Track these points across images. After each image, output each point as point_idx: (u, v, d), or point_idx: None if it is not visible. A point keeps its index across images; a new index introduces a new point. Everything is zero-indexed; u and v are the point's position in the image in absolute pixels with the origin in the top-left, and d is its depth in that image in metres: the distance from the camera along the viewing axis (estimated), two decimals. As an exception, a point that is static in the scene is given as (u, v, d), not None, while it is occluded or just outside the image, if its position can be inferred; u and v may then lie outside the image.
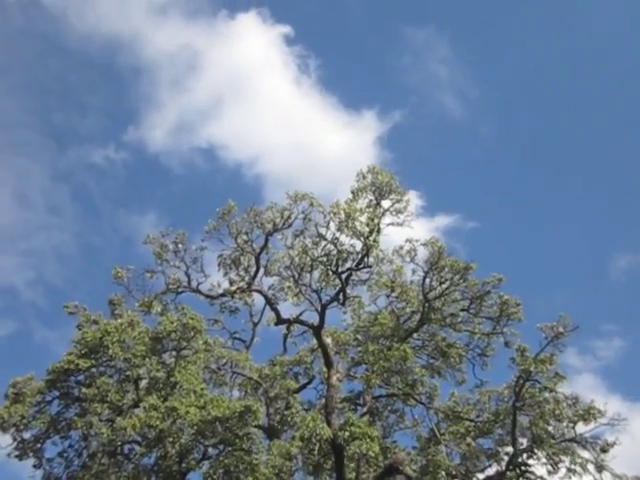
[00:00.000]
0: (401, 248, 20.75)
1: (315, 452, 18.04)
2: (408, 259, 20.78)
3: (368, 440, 16.41)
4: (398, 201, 19.63)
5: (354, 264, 19.36)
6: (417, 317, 21.35)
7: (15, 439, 17.59)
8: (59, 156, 51.59)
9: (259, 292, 20.83)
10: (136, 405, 17.35)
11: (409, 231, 20.24)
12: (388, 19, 52.79)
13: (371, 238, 18.75)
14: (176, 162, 49.34)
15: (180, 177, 49.99)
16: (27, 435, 17.68)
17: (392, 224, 19.86)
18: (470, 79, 53.12)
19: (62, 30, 51.13)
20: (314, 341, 21.20)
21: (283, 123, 50.41)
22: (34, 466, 17.91)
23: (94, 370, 17.57)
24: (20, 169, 50.45)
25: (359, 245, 19.03)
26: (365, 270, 19.87)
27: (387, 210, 19.77)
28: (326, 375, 19.87)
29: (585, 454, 18.76)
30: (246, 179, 48.73)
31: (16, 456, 17.68)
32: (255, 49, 52.42)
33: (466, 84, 52.18)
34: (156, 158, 50.09)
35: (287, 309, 21.06)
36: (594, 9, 50.70)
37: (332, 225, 18.69)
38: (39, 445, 17.81)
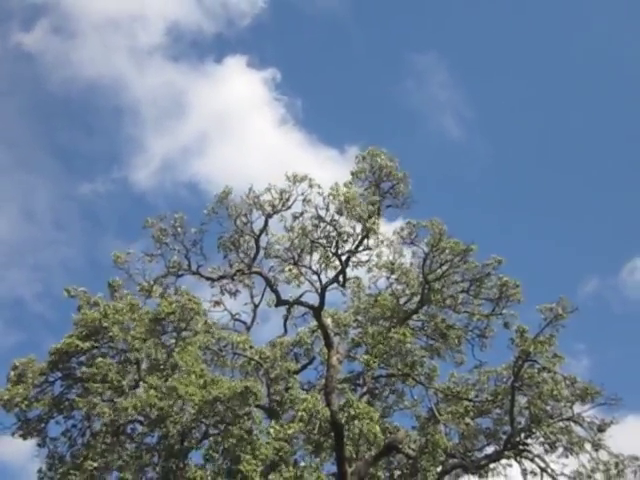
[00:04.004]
0: (402, 230, 20.78)
1: (315, 432, 18.24)
2: (409, 241, 20.81)
3: (368, 420, 16.55)
4: (397, 183, 19.60)
5: (354, 246, 19.37)
6: (417, 299, 21.43)
7: (19, 419, 17.86)
8: (65, 176, 52.37)
9: (259, 274, 20.84)
10: (137, 385, 17.55)
11: (408, 212, 20.30)
12: (389, 48, 53.13)
13: (371, 221, 18.74)
14: (162, 199, 49.70)
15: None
16: (31, 415, 17.94)
17: (391, 206, 19.91)
18: (467, 102, 53.07)
19: (43, 74, 51.34)
20: (314, 322, 21.25)
21: (268, 158, 50.41)
22: (38, 445, 18.20)
23: (95, 351, 17.77)
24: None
25: (359, 227, 19.02)
26: (365, 252, 19.88)
27: (387, 192, 19.77)
28: (326, 356, 19.98)
29: (582, 433, 19.00)
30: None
31: (20, 435, 17.96)
32: (241, 91, 52.40)
33: (464, 107, 52.14)
34: (142, 196, 50.46)
35: (287, 291, 21.14)
36: (590, 32, 50.93)
37: (332, 207, 18.69)
38: (43, 425, 18.07)
